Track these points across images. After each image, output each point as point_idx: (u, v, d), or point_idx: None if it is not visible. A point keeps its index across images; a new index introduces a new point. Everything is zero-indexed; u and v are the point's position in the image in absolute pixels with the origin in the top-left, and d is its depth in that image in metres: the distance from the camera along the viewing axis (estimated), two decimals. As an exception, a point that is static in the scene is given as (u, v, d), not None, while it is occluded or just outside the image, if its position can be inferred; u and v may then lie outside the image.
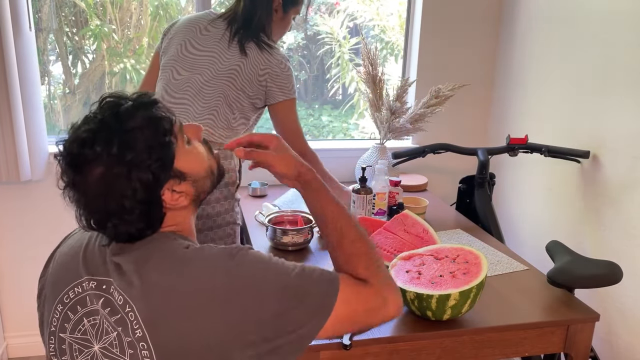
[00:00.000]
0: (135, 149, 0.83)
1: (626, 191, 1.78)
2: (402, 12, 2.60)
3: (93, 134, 0.83)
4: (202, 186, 0.96)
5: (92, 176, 0.83)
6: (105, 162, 0.82)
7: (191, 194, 0.94)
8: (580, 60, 1.99)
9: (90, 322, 0.88)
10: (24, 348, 2.41)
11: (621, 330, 1.81)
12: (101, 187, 0.83)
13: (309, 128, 2.94)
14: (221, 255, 0.87)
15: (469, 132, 2.62)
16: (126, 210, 0.84)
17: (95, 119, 0.85)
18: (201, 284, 0.84)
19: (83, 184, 0.84)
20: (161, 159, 0.85)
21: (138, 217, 0.86)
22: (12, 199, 2.24)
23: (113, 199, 0.83)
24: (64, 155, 0.85)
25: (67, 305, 0.91)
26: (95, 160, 0.82)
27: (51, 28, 2.35)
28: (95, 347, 0.88)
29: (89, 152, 0.82)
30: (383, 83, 2.22)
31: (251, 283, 0.85)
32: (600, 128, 1.89)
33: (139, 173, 0.83)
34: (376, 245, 1.48)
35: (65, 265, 0.95)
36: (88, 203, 0.85)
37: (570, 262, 1.48)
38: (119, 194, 0.83)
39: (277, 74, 1.63)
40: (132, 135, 0.83)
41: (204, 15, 1.70)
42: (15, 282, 2.33)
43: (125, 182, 0.83)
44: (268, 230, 1.69)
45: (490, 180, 2.09)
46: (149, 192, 0.85)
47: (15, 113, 2.03)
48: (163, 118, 0.88)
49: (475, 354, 1.30)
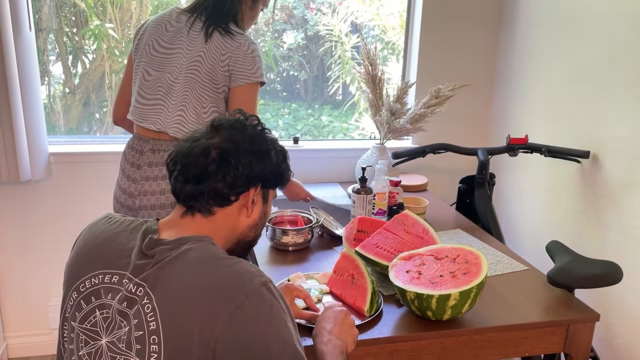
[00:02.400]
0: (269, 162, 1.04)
1: (626, 191, 1.78)
2: (403, 12, 2.60)
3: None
4: (257, 227, 1.09)
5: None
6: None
7: (253, 219, 1.06)
8: (580, 60, 1.99)
9: (103, 315, 0.91)
10: (24, 348, 2.41)
11: (621, 330, 1.81)
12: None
13: (309, 128, 2.94)
14: (251, 275, 0.90)
15: (469, 132, 2.62)
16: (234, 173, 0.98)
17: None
18: (222, 290, 0.87)
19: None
20: (275, 175, 1.06)
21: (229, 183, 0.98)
22: (12, 199, 2.24)
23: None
24: None
25: (82, 294, 0.94)
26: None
27: (51, 28, 2.35)
28: (102, 341, 0.90)
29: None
30: (383, 83, 2.22)
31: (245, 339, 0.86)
32: (600, 128, 1.89)
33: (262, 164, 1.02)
34: (376, 245, 1.49)
35: (85, 254, 0.99)
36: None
37: (570, 262, 1.48)
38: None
39: (239, 55, 1.55)
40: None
41: (169, 12, 1.66)
42: (16, 282, 2.33)
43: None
44: (268, 230, 1.69)
45: (490, 180, 2.09)
46: (252, 176, 1.01)
47: (15, 113, 2.03)
48: (289, 170, 1.11)
49: (475, 354, 1.30)
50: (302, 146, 2.44)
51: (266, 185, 1.06)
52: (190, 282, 0.88)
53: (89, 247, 0.99)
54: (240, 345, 0.85)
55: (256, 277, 0.90)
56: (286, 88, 2.98)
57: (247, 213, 1.03)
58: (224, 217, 1.01)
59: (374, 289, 1.31)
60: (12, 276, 2.33)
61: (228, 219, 1.02)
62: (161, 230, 0.99)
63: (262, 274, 0.92)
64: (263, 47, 2.77)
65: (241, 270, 0.91)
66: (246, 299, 0.86)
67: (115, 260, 0.94)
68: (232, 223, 1.03)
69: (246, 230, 1.06)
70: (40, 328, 2.41)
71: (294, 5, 2.80)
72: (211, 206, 0.99)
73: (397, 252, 1.47)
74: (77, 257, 1.00)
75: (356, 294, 1.32)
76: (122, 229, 1.00)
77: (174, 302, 0.87)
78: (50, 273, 2.33)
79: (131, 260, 0.93)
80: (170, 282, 0.89)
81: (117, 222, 1.03)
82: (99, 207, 2.28)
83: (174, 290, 0.88)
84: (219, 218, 1.01)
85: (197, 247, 0.93)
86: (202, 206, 0.99)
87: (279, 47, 2.79)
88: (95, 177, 2.27)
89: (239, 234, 1.05)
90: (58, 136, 2.39)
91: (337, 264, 1.41)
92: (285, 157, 1.09)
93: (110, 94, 2.49)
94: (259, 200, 1.05)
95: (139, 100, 1.62)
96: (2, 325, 2.36)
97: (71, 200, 2.29)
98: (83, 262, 0.98)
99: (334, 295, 1.37)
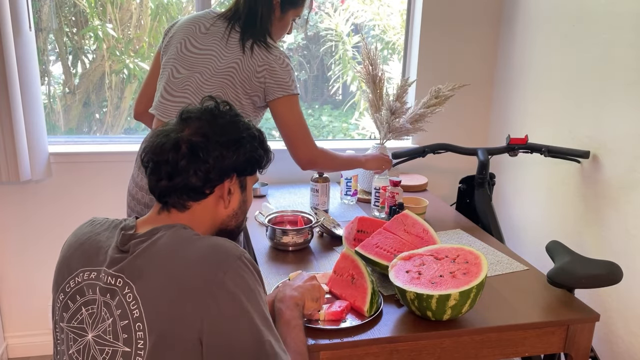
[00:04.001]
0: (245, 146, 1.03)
1: (626, 191, 1.78)
2: (404, 11, 2.60)
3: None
4: (238, 215, 1.08)
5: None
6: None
7: (232, 209, 1.05)
8: (580, 60, 1.99)
9: (89, 311, 0.92)
10: (24, 348, 2.41)
11: (621, 330, 1.81)
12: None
13: (309, 128, 2.94)
14: (226, 251, 0.91)
15: (469, 132, 2.62)
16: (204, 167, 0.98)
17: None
18: (196, 269, 0.88)
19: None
20: (250, 163, 1.04)
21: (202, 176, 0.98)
22: (12, 199, 2.24)
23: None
24: None
25: (68, 294, 0.96)
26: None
27: (51, 28, 2.35)
28: (89, 336, 0.91)
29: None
30: (383, 83, 2.22)
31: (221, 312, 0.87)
32: (600, 128, 1.89)
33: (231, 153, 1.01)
34: (376, 245, 1.49)
35: (69, 257, 1.00)
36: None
37: (570, 262, 1.48)
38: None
39: (275, 69, 1.62)
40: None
41: (203, 15, 1.71)
42: (15, 282, 2.33)
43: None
44: (268, 230, 1.69)
45: (490, 180, 2.09)
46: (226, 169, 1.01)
47: (15, 113, 2.03)
48: (269, 151, 1.10)
49: (475, 354, 1.30)
50: (302, 146, 2.44)
51: (242, 174, 1.05)
52: (166, 266, 0.89)
53: (73, 250, 1.01)
54: (226, 322, 0.86)
55: (231, 252, 0.91)
56: (286, 88, 2.97)
57: (224, 204, 1.03)
58: (200, 210, 1.01)
59: (374, 289, 1.31)
60: (12, 276, 2.33)
61: (205, 212, 1.02)
62: (138, 227, 1.00)
63: (235, 247, 0.93)
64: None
65: (215, 246, 0.92)
66: (224, 274, 0.88)
67: (94, 258, 0.97)
68: (210, 215, 1.03)
69: (226, 220, 1.06)
70: (40, 328, 2.41)
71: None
72: (185, 201, 1.00)
73: (397, 252, 1.47)
74: (62, 260, 1.02)
75: (356, 294, 1.32)
76: (103, 229, 1.01)
77: (154, 287, 0.88)
78: (50, 273, 2.33)
79: (107, 255, 0.95)
80: (147, 269, 0.90)
81: (99, 224, 1.04)
82: (99, 207, 2.28)
83: (153, 276, 0.89)
84: (196, 211, 1.01)
85: (168, 233, 0.95)
86: (177, 202, 0.99)
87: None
88: (95, 177, 2.27)
89: (220, 224, 1.06)
90: (58, 136, 2.39)
91: (337, 264, 1.41)
92: (262, 141, 1.08)
93: (110, 94, 2.48)
94: (236, 189, 1.05)
95: (165, 96, 1.64)
96: (2, 325, 2.36)
97: (71, 200, 2.29)
98: (67, 265, 0.99)
99: (333, 295, 1.37)
